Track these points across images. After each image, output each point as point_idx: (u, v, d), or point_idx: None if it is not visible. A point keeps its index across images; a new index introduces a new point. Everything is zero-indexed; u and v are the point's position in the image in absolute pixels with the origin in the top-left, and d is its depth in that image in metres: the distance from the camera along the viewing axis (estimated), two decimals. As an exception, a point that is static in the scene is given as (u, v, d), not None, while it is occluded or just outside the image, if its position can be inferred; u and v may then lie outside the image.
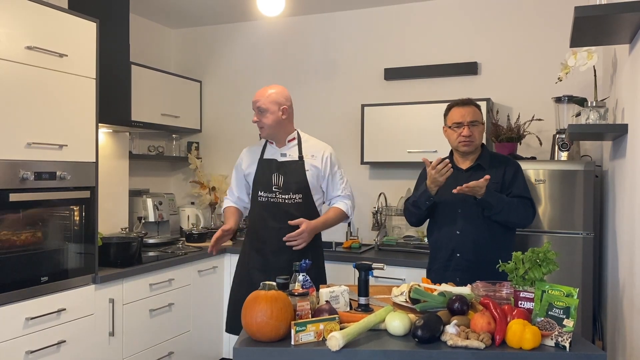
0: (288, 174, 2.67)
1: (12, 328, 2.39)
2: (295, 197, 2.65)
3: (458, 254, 2.47)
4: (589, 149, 3.46)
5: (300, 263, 2.00)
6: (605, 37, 2.15)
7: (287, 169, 2.68)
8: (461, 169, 2.55)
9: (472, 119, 2.47)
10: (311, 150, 2.72)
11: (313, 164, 2.69)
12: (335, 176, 2.74)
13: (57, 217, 2.68)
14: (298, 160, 2.69)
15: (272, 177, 2.67)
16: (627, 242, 2.22)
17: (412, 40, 3.97)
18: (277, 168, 2.68)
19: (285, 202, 2.65)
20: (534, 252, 1.84)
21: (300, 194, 2.66)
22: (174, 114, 4.14)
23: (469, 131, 2.46)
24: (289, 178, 2.66)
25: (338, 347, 1.59)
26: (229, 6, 4.12)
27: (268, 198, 2.67)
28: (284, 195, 2.65)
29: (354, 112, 4.02)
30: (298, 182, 2.66)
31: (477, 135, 2.48)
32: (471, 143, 2.48)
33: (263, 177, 2.70)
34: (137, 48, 3.96)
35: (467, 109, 2.49)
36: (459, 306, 1.80)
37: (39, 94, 2.54)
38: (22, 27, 2.46)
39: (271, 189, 2.67)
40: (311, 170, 2.67)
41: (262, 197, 2.69)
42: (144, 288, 3.14)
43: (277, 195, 2.66)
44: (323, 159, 2.71)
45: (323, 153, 2.72)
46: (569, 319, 1.64)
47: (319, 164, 2.69)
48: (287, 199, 2.65)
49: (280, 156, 2.71)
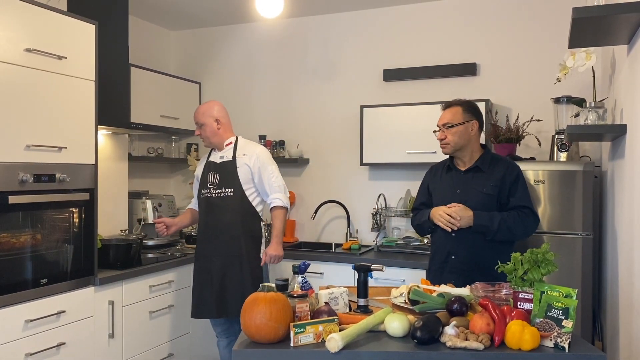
0: (222, 172, 3.05)
1: (11, 330, 2.39)
2: (227, 191, 3.02)
3: (453, 256, 2.48)
4: (588, 150, 3.46)
5: (299, 265, 2.00)
6: (603, 38, 2.15)
7: (221, 168, 3.06)
8: (460, 170, 2.56)
9: (445, 121, 2.51)
10: (244, 150, 3.09)
11: (244, 162, 3.04)
12: (266, 171, 3.05)
13: (57, 219, 2.68)
14: (232, 159, 3.06)
15: (209, 176, 3.09)
16: (627, 243, 2.22)
17: (411, 41, 3.97)
18: (214, 168, 3.09)
19: (217, 196, 3.03)
20: (533, 253, 1.84)
21: (231, 188, 3.02)
22: (173, 116, 4.14)
23: (442, 134, 2.52)
24: (223, 175, 3.05)
25: (337, 348, 1.59)
26: (228, 8, 4.12)
27: (204, 194, 3.08)
28: (217, 190, 3.04)
29: (353, 114, 4.03)
30: (230, 178, 3.02)
31: (451, 138, 2.49)
32: (446, 145, 2.52)
33: (204, 177, 3.12)
34: (136, 50, 3.96)
35: (445, 112, 2.56)
36: (458, 307, 1.80)
37: (38, 96, 2.54)
38: (21, 29, 2.46)
39: (206, 186, 3.08)
40: (242, 167, 3.03)
41: (202, 194, 3.10)
42: (144, 290, 3.14)
43: (211, 191, 3.06)
44: (253, 157, 3.05)
45: (254, 152, 3.08)
46: (568, 319, 1.64)
47: (249, 162, 3.04)
48: (219, 193, 3.03)
49: (219, 158, 3.10)
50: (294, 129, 4.30)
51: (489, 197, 2.45)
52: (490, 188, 2.44)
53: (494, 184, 2.45)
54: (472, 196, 2.46)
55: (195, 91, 4.50)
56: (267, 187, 3.05)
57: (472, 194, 2.47)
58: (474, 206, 2.42)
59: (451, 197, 2.48)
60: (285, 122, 4.32)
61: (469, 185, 2.50)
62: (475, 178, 2.49)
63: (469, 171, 2.53)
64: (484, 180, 2.48)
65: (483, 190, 2.46)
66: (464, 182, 2.51)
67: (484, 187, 2.46)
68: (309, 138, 4.25)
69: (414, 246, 3.61)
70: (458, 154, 2.55)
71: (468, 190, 2.48)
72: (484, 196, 2.45)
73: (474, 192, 2.47)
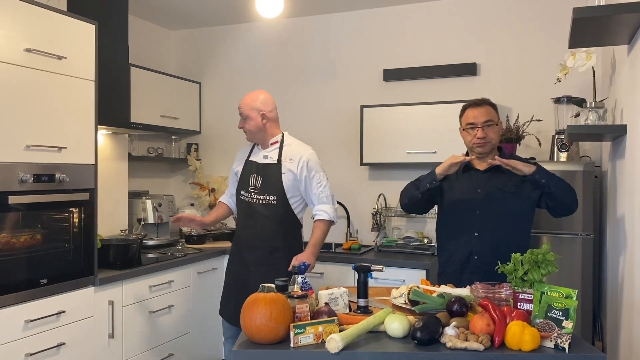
0: (265, 176, 2.77)
1: (11, 331, 2.39)
2: (269, 199, 2.75)
3: (476, 257, 2.41)
4: (588, 150, 3.46)
5: (299, 265, 2.00)
6: (603, 38, 2.15)
7: (264, 171, 2.78)
8: (479, 170, 2.48)
9: (486, 119, 2.41)
10: (290, 154, 2.79)
11: (290, 167, 2.75)
12: (313, 180, 2.77)
13: (57, 219, 2.67)
14: (276, 163, 2.77)
15: (251, 178, 2.80)
16: (627, 243, 2.22)
17: (411, 41, 3.97)
18: (256, 170, 2.80)
19: (258, 203, 2.76)
20: (533, 254, 1.84)
21: (274, 196, 2.74)
22: (173, 116, 4.14)
23: (482, 132, 2.41)
24: (265, 180, 2.77)
25: (337, 349, 1.59)
26: (228, 8, 4.12)
27: (245, 197, 2.81)
28: (259, 196, 2.76)
29: (353, 113, 4.02)
30: (273, 185, 2.75)
31: (492, 136, 2.43)
32: (486, 144, 2.43)
33: (245, 177, 2.84)
34: (136, 50, 3.96)
35: (480, 110, 2.44)
36: (458, 308, 1.80)
37: (38, 96, 2.53)
38: (21, 29, 2.45)
39: (248, 189, 2.80)
40: (287, 174, 2.74)
41: (242, 196, 2.84)
42: (144, 290, 3.14)
43: (252, 196, 2.78)
44: (300, 163, 2.75)
45: (301, 157, 2.77)
46: (568, 320, 1.64)
47: (295, 168, 2.75)
48: (261, 200, 2.76)
49: (262, 158, 2.81)
50: (293, 128, 4.25)
51: (512, 196, 2.40)
52: (512, 187, 2.40)
53: (515, 183, 2.40)
54: (494, 196, 2.41)
55: (195, 91, 4.50)
56: (314, 198, 2.79)
57: (494, 194, 2.42)
58: (497, 206, 2.39)
59: (471, 196, 2.42)
60: (285, 122, 4.30)
61: (490, 184, 2.44)
62: (495, 178, 2.43)
63: (488, 171, 2.46)
64: (505, 180, 2.42)
65: (505, 189, 2.41)
66: (484, 182, 2.44)
67: (505, 186, 2.41)
68: (309, 138, 4.23)
69: (414, 246, 3.61)
70: (488, 154, 2.47)
71: (489, 190, 2.43)
72: (506, 195, 2.40)
73: (496, 192, 2.42)
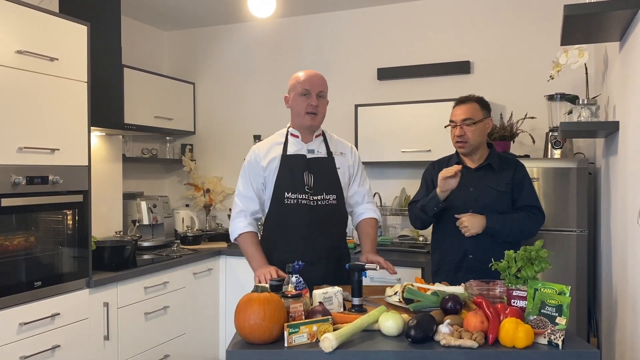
0: (318, 172, 2.36)
1: (5, 334, 2.38)
2: (329, 198, 2.35)
3: (471, 255, 2.42)
4: (582, 147, 3.47)
5: (293, 264, 1.99)
6: (595, 35, 2.16)
7: (317, 167, 2.36)
8: (470, 168, 2.49)
9: (465, 117, 2.41)
10: (338, 147, 2.47)
11: (344, 162, 2.43)
12: (363, 175, 2.53)
13: (50, 221, 2.67)
14: (327, 156, 2.40)
15: (304, 176, 2.33)
16: (620, 239, 2.23)
17: (404, 40, 3.97)
18: (307, 166, 2.35)
19: (318, 205, 2.32)
20: (526, 251, 1.85)
21: (333, 194, 2.36)
22: (167, 116, 4.13)
23: (460, 130, 2.42)
24: (319, 176, 2.35)
25: (331, 348, 1.59)
26: (220, 8, 4.11)
27: (298, 200, 2.32)
28: (316, 196, 2.33)
29: (347, 112, 4.02)
30: (331, 181, 2.36)
31: (471, 135, 2.41)
32: (465, 143, 2.43)
33: (290, 175, 2.33)
34: (129, 51, 3.94)
35: (462, 107, 2.44)
36: (452, 305, 1.80)
37: (30, 98, 2.52)
38: (12, 31, 2.44)
39: (303, 189, 2.32)
40: (342, 169, 2.41)
41: (290, 199, 2.32)
42: (139, 291, 3.13)
43: (309, 197, 2.32)
44: (353, 157, 2.48)
45: (352, 150, 2.50)
46: (561, 316, 1.65)
47: (350, 162, 2.45)
48: (318, 200, 2.33)
49: (308, 152, 2.38)
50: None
51: (503, 195, 2.42)
52: (503, 186, 2.41)
53: (506, 182, 2.42)
54: (486, 194, 2.42)
55: (189, 91, 4.49)
56: (362, 195, 2.50)
57: (485, 192, 2.43)
58: (489, 204, 2.40)
59: (464, 194, 2.42)
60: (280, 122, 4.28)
61: (482, 183, 2.45)
62: (487, 176, 2.44)
63: (480, 169, 2.48)
64: (497, 179, 2.43)
65: (497, 188, 2.42)
66: (476, 180, 2.45)
67: (497, 185, 2.42)
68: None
69: (410, 244, 3.61)
70: (472, 152, 2.47)
71: (481, 188, 2.44)
72: (498, 194, 2.42)
73: (488, 190, 2.43)
